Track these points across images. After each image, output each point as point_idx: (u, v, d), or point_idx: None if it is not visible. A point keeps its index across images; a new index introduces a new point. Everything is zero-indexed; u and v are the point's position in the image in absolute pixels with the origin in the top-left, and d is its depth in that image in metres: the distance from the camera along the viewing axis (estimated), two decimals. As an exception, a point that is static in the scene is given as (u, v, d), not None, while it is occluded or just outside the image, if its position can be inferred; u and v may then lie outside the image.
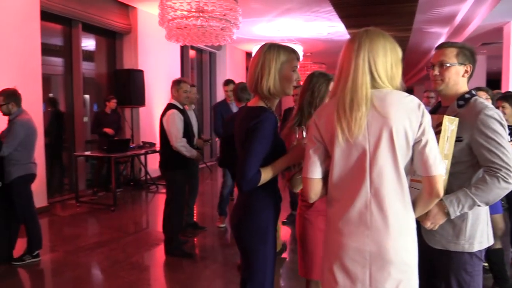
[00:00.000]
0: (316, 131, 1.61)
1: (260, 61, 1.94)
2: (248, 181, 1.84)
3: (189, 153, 4.30)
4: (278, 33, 9.66)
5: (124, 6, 7.85)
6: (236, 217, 2.06)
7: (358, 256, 1.51)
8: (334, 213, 1.59)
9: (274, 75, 1.92)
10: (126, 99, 7.47)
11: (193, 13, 5.15)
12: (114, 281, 3.77)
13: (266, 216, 2.00)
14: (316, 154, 1.61)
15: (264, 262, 2.00)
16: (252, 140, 1.85)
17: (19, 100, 4.09)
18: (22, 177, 4.07)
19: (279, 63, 1.93)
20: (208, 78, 11.65)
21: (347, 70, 1.54)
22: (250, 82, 1.99)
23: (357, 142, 1.51)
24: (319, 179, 1.63)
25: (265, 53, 1.94)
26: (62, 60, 7.17)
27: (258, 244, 1.99)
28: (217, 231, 5.29)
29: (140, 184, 8.04)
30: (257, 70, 1.94)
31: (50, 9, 6.29)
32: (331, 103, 1.60)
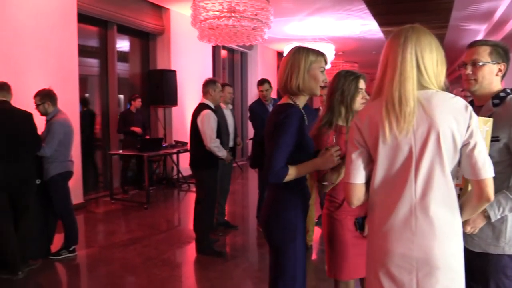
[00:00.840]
0: (358, 134, 1.57)
1: (290, 62, 2.05)
2: (275, 173, 1.91)
3: (221, 153, 4.33)
4: (309, 32, 9.59)
5: (157, 8, 7.99)
6: (265, 215, 2.11)
7: (405, 263, 1.46)
8: (377, 218, 1.55)
9: (303, 74, 2.02)
10: (159, 99, 7.59)
11: (225, 13, 5.18)
12: (146, 277, 3.84)
13: (294, 213, 2.05)
14: (359, 159, 1.58)
15: (294, 259, 2.03)
16: (279, 133, 1.92)
17: (54, 99, 4.22)
18: (60, 175, 4.20)
19: (308, 63, 2.03)
20: (239, 78, 11.71)
21: (393, 64, 1.50)
22: (281, 83, 2.08)
23: (404, 142, 1.46)
24: (362, 184, 1.59)
25: (294, 54, 2.07)
26: (97, 61, 7.36)
27: (287, 242, 2.02)
28: (248, 230, 5.31)
29: (172, 182, 8.16)
30: (286, 70, 2.05)
31: (86, 11, 6.47)
32: (374, 104, 1.56)
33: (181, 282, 3.90)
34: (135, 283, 3.80)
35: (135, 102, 7.26)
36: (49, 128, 4.11)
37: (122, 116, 7.18)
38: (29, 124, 3.87)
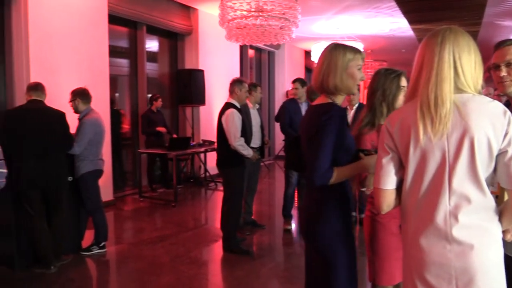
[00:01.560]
0: (389, 139, 1.53)
1: (326, 60, 1.96)
2: (321, 175, 1.85)
3: (246, 152, 4.33)
4: (337, 31, 9.50)
5: (185, 8, 8.07)
6: (308, 218, 2.02)
7: (443, 272, 1.41)
8: (411, 226, 1.50)
9: (340, 72, 1.93)
10: (187, 98, 7.67)
11: (252, 13, 5.18)
12: (174, 275, 3.89)
13: (338, 217, 1.95)
14: (389, 164, 1.53)
15: (344, 264, 1.93)
16: (323, 134, 1.85)
17: (85, 98, 4.31)
18: (90, 173, 4.30)
19: (346, 61, 1.94)
20: (266, 77, 11.70)
21: (429, 65, 1.45)
22: (317, 81, 2.01)
23: (437, 146, 1.41)
24: (393, 190, 1.55)
25: (331, 52, 1.96)
26: (127, 61, 7.50)
27: (334, 247, 1.93)
28: (275, 230, 5.30)
29: (199, 181, 8.24)
30: (323, 68, 1.97)
31: (117, 12, 6.59)
32: (407, 106, 1.51)
33: (208, 280, 3.93)
34: (162, 280, 3.85)
35: (157, 102, 7.32)
36: (80, 127, 4.21)
37: (145, 117, 7.24)
38: (62, 123, 3.98)
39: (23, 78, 5.20)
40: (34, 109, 3.86)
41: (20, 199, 3.83)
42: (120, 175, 7.46)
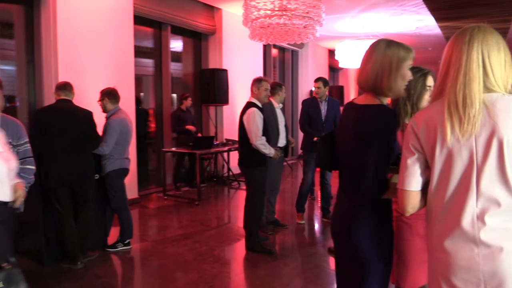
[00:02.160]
0: (415, 139, 1.50)
1: (380, 58, 1.82)
2: (381, 183, 1.75)
3: (268, 151, 4.33)
4: (362, 29, 9.39)
5: (209, 8, 8.12)
6: (343, 226, 1.93)
7: (471, 276, 1.38)
8: (436, 229, 1.47)
9: (394, 73, 1.81)
10: (211, 97, 7.72)
11: (276, 12, 5.17)
12: (197, 273, 3.92)
13: (379, 224, 1.87)
14: (414, 165, 1.50)
15: (380, 273, 1.87)
16: (381, 140, 1.75)
17: (113, 97, 4.38)
18: (116, 171, 4.37)
19: (401, 61, 1.82)
20: (290, 77, 11.67)
21: (457, 63, 1.41)
22: (367, 80, 1.86)
23: (465, 147, 1.38)
24: (417, 192, 1.52)
25: (386, 50, 1.83)
26: (152, 61, 7.60)
27: (379, 256, 1.85)
28: (298, 230, 5.28)
29: (222, 180, 8.28)
30: (375, 67, 1.83)
31: (142, 13, 6.68)
32: (433, 106, 1.48)
33: (230, 279, 3.94)
34: (186, 278, 3.89)
35: (186, 101, 7.41)
36: (107, 126, 4.29)
37: (175, 115, 7.36)
38: (89, 122, 4.06)
39: (51, 78, 5.33)
40: (62, 108, 3.95)
41: (49, 196, 3.93)
42: (145, 173, 7.57)
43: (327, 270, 4.00)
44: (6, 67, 5.47)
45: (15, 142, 2.90)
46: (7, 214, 2.52)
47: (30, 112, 5.44)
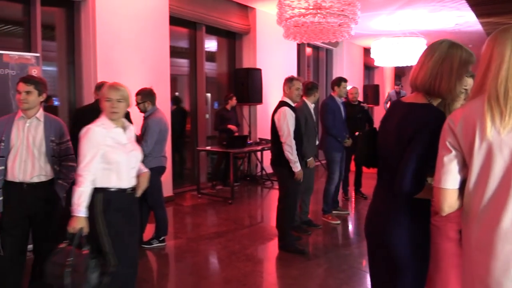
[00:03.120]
0: (452, 137, 1.47)
1: (441, 58, 1.75)
2: (417, 182, 1.71)
3: (293, 158, 4.21)
4: (399, 27, 9.19)
5: (243, 8, 8.15)
6: (381, 226, 1.89)
7: (508, 280, 1.33)
8: (474, 230, 1.42)
9: (455, 76, 1.74)
10: (245, 97, 7.74)
11: (310, 10, 5.13)
12: (230, 271, 3.95)
13: (419, 226, 1.82)
14: (451, 162, 1.46)
15: (416, 277, 1.83)
16: (424, 139, 1.70)
17: (154, 99, 4.47)
18: (153, 169, 4.42)
19: (462, 65, 1.75)
20: (324, 76, 11.56)
21: (499, 59, 1.38)
22: (423, 79, 1.79)
23: (505, 142, 1.33)
24: (455, 190, 1.48)
25: (448, 50, 1.75)
26: (187, 61, 7.70)
27: (416, 258, 1.81)
28: (331, 230, 5.22)
29: (256, 179, 8.30)
30: (436, 66, 1.76)
31: (178, 14, 6.78)
32: (472, 103, 1.44)
33: (263, 277, 3.95)
34: (219, 276, 3.92)
35: (232, 100, 7.47)
36: (146, 126, 4.37)
37: (219, 114, 7.42)
38: (126, 121, 4.15)
39: (91, 78, 5.50)
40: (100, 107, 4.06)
41: (87, 192, 4.04)
42: (179, 172, 7.69)
43: (361, 272, 3.94)
44: (48, 68, 5.68)
45: (58, 140, 3.00)
46: (126, 202, 2.65)
47: (70, 111, 5.63)
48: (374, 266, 2.02)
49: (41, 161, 2.91)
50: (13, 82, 3.93)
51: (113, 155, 2.58)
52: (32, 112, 2.93)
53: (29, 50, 5.12)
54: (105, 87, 2.81)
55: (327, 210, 5.52)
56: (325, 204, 5.52)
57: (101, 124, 2.66)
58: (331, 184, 5.48)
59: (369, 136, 2.07)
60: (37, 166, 2.90)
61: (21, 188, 2.87)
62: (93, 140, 2.56)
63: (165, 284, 3.85)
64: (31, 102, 2.89)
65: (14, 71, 4.13)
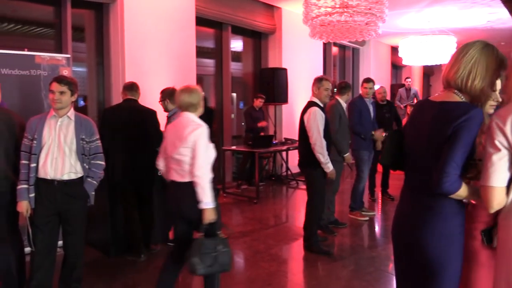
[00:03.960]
0: (501, 136, 1.49)
1: (475, 56, 1.76)
2: (451, 183, 1.67)
3: (323, 159, 4.17)
4: (428, 24, 9.00)
5: (269, 7, 8.14)
6: (412, 228, 1.86)
7: None
8: None
9: (490, 76, 1.76)
10: (270, 96, 7.74)
11: (337, 9, 5.08)
12: (255, 270, 3.95)
13: (453, 227, 1.78)
14: (501, 161, 1.49)
15: (452, 279, 1.79)
16: (459, 137, 1.68)
17: (174, 98, 4.51)
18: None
19: (497, 65, 1.77)
20: (350, 75, 11.44)
21: None
22: (454, 74, 1.79)
23: None
24: (503, 188, 1.50)
25: (484, 49, 1.77)
26: (213, 61, 7.75)
27: (448, 260, 1.77)
28: (356, 232, 5.16)
29: (281, 179, 8.28)
30: (470, 64, 1.76)
31: (204, 14, 6.83)
32: None
33: (287, 277, 3.93)
34: (244, 275, 3.93)
35: (257, 100, 7.48)
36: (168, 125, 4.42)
37: (248, 113, 7.46)
38: (153, 120, 4.22)
39: (119, 78, 5.60)
40: (128, 107, 4.14)
41: (115, 190, 4.13)
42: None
43: (387, 274, 3.88)
44: (78, 69, 5.82)
45: (88, 139, 3.07)
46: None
47: (99, 110, 5.76)
48: (402, 270, 1.98)
49: (71, 159, 2.98)
50: (45, 83, 4.05)
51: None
52: (64, 111, 3.00)
53: (60, 51, 5.25)
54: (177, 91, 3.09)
55: (355, 207, 5.58)
56: (353, 201, 5.60)
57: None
58: (360, 183, 5.53)
59: (396, 137, 2.04)
60: (68, 164, 2.97)
61: (52, 185, 2.95)
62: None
63: (190, 282, 3.88)
64: (64, 102, 2.96)
65: (46, 72, 4.25)
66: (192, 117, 2.92)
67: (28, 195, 2.95)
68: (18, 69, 4.12)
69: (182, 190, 2.84)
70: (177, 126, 2.93)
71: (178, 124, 2.93)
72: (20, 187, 2.96)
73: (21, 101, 4.11)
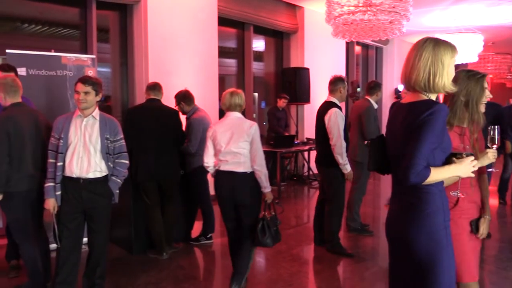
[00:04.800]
0: None
1: (430, 56, 1.86)
2: (417, 173, 1.75)
3: (343, 162, 4.14)
4: (453, 23, 8.81)
5: (291, 7, 8.12)
6: (400, 226, 1.93)
7: None
8: None
9: (447, 71, 1.86)
10: (292, 96, 7.71)
11: (360, 8, 5.02)
12: (276, 270, 3.94)
13: (439, 222, 1.85)
14: None
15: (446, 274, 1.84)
16: (423, 131, 1.76)
17: (188, 100, 4.53)
18: (201, 167, 4.50)
19: (449, 59, 1.87)
20: (373, 75, 11.30)
21: None
22: (417, 78, 1.87)
23: None
24: None
25: (435, 48, 1.86)
26: (235, 61, 7.77)
27: (437, 255, 1.84)
28: (379, 233, 5.09)
29: (302, 179, 8.24)
30: (427, 66, 1.85)
31: (226, 14, 6.85)
32: None
33: (308, 278, 3.91)
34: (264, 275, 3.92)
35: (281, 100, 7.48)
36: (189, 126, 4.45)
37: (272, 113, 7.45)
38: (175, 120, 4.25)
39: (142, 78, 5.68)
40: (151, 107, 4.18)
41: (138, 189, 4.18)
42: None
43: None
44: (102, 69, 5.92)
45: (112, 138, 3.12)
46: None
47: (123, 110, 5.84)
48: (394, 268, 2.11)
49: (96, 157, 3.03)
50: (71, 83, 4.13)
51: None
52: (89, 111, 3.05)
53: (85, 52, 5.36)
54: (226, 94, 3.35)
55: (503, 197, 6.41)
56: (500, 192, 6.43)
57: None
58: (505, 172, 6.25)
59: (378, 142, 2.10)
60: (93, 163, 3.02)
61: (78, 183, 3.00)
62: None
63: (212, 281, 3.90)
64: (89, 102, 3.02)
65: (72, 72, 4.34)
66: (241, 116, 3.34)
67: (55, 193, 3.02)
68: (45, 69, 4.22)
69: (238, 179, 3.26)
70: (229, 124, 3.28)
71: (231, 122, 3.29)
72: (48, 185, 3.03)
73: (48, 100, 4.21)
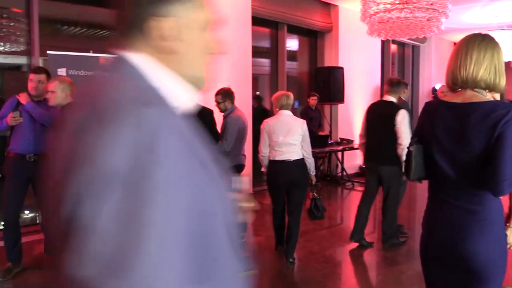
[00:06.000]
0: None
1: (495, 57, 1.75)
2: (510, 184, 1.63)
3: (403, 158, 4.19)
4: (495, 19, 8.49)
5: (326, 6, 8.04)
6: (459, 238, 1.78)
7: None
8: None
9: (503, 69, 1.78)
10: (326, 96, 7.64)
11: (396, 5, 4.92)
12: (309, 271, 3.92)
13: (502, 235, 1.78)
14: None
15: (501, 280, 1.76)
16: (510, 137, 1.63)
17: (233, 98, 4.58)
18: (233, 167, 4.55)
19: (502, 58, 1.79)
20: (410, 74, 11.04)
21: None
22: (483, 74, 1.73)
23: None
24: None
25: (495, 46, 1.77)
26: (268, 60, 7.78)
27: (497, 264, 1.75)
28: (415, 236, 4.97)
29: (336, 180, 8.15)
30: (491, 63, 1.73)
31: (260, 14, 6.87)
32: None
33: (341, 280, 3.87)
34: (297, 275, 3.91)
35: (311, 99, 7.45)
36: (225, 125, 4.49)
37: (305, 112, 7.44)
38: (210, 120, 4.30)
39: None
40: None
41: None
42: (259, 169, 7.78)
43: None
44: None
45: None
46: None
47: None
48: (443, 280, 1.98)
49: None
50: (109, 83, 4.24)
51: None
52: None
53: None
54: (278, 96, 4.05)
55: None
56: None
57: None
58: None
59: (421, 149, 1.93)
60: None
61: None
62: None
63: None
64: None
65: (110, 72, 4.45)
66: (292, 114, 4.06)
67: None
68: (84, 70, 4.35)
69: (294, 164, 3.98)
70: (285, 121, 3.99)
71: (285, 119, 4.00)
72: None
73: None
